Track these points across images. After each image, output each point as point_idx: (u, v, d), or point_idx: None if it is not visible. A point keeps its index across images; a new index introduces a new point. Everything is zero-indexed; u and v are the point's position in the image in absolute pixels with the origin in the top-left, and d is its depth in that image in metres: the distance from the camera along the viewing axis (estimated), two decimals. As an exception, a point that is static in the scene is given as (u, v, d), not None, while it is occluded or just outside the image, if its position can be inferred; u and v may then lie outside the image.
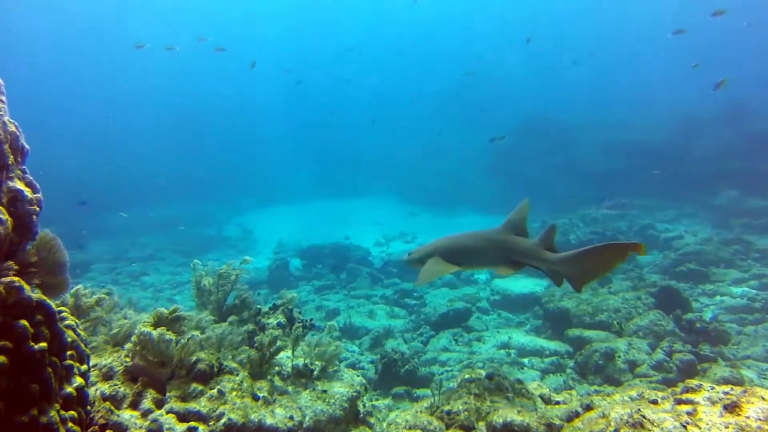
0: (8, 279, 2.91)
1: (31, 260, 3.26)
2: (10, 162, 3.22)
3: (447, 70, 46.67)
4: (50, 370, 2.99)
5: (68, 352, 3.33)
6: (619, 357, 9.92)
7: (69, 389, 3.19)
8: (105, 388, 4.27)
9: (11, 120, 3.38)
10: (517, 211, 5.47)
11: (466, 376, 5.64)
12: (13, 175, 3.26)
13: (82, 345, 3.49)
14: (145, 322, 4.50)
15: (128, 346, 4.59)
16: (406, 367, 10.31)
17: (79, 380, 3.29)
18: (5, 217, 2.93)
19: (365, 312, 15.32)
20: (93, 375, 4.40)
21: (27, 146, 3.61)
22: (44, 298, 3.06)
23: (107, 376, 4.41)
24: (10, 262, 3.01)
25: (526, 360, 11.66)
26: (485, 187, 33.45)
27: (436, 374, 11.02)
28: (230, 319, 6.64)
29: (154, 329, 4.53)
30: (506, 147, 32.52)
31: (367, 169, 43.91)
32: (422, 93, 52.81)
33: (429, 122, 45.92)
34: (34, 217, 3.30)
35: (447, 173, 36.81)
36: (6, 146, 3.10)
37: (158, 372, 4.51)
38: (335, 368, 6.88)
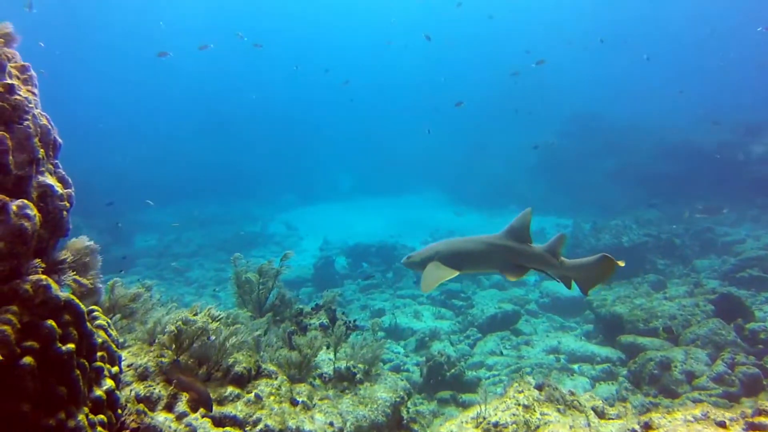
0: (36, 277, 2.79)
1: (62, 258, 3.14)
2: (40, 156, 3.11)
3: (494, 69, 45.90)
4: (78, 372, 2.86)
5: (98, 354, 3.20)
6: (676, 367, 9.35)
7: (98, 392, 3.06)
8: (140, 388, 4.16)
9: (42, 113, 3.28)
10: (520, 219, 5.65)
11: (515, 385, 5.33)
12: (43, 169, 3.15)
13: (113, 346, 3.37)
14: (180, 320, 4.37)
15: (160, 340, 4.48)
16: (452, 371, 10.03)
17: (109, 383, 3.16)
18: (33, 212, 2.81)
19: (411, 313, 15.08)
20: (128, 375, 4.30)
21: (59, 140, 3.51)
22: (73, 297, 2.93)
23: (142, 376, 4.30)
24: (38, 260, 2.89)
25: (576, 366, 11.22)
26: (532, 188, 32.88)
27: (483, 379, 10.71)
28: (268, 316, 6.48)
29: (190, 327, 4.40)
30: (554, 147, 31.94)
31: (414, 168, 43.58)
32: (469, 91, 52.23)
33: (476, 121, 45.36)
34: (65, 213, 3.19)
35: (494, 173, 36.27)
36: (35, 140, 2.98)
37: (195, 374, 4.38)
38: (379, 371, 6.67)
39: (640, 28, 49.57)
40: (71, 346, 2.82)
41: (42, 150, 3.16)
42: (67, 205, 3.19)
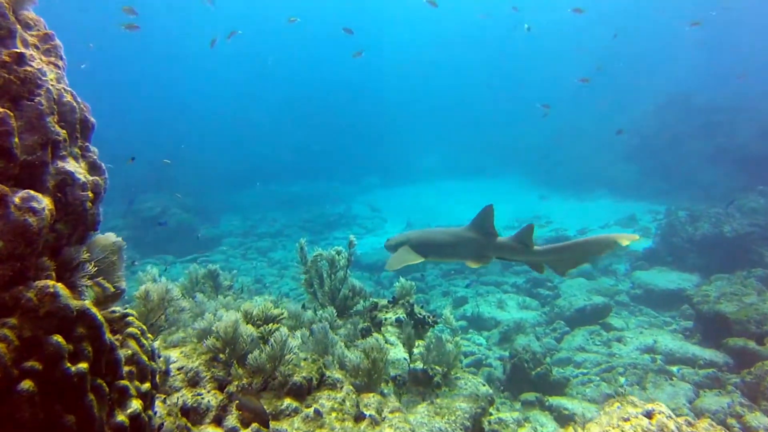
0: (42, 283, 2.34)
1: (82, 258, 2.69)
2: (60, 138, 2.65)
3: (584, 50, 43.47)
4: (92, 397, 2.40)
5: (125, 369, 2.74)
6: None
7: (121, 417, 2.60)
8: (188, 396, 3.74)
9: (67, 88, 2.83)
10: (483, 213, 6.12)
11: (616, 407, 4.52)
12: (65, 153, 2.69)
13: (145, 358, 2.91)
14: (234, 322, 3.90)
15: (212, 345, 4.04)
16: (538, 369, 9.23)
17: (135, 405, 2.69)
18: (41, 205, 2.35)
19: (494, 301, 14.29)
20: (177, 379, 3.90)
21: (92, 120, 3.06)
22: (89, 306, 2.47)
23: (192, 381, 3.89)
24: (46, 259, 2.44)
25: (675, 369, 10.10)
26: (622, 172, 30.94)
27: (571, 378, 9.84)
28: (331, 311, 5.97)
29: (244, 331, 3.93)
30: (646, 129, 29.72)
31: (497, 151, 42.14)
32: (555, 73, 49.76)
33: (563, 103, 43.23)
34: (88, 204, 2.73)
35: (581, 155, 34.37)
36: (51, 119, 2.52)
37: (250, 383, 3.92)
38: (458, 373, 6.04)
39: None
40: (83, 365, 2.36)
41: (64, 131, 2.71)
42: (90, 195, 2.73)
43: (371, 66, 55.81)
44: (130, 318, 3.04)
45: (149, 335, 3.14)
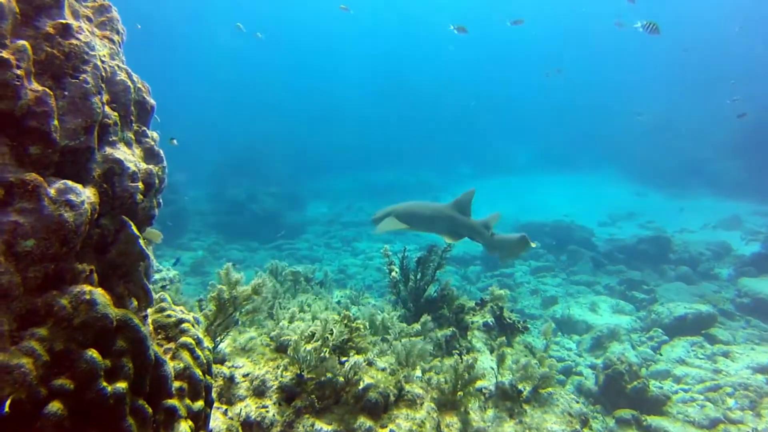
0: (78, 288, 2.03)
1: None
2: (110, 122, 2.35)
3: (678, 37, 40.37)
4: (131, 421, 2.07)
5: (174, 386, 2.42)
6: None
7: (166, 442, 2.27)
8: (252, 408, 3.42)
9: (122, 66, 2.52)
10: (465, 195, 6.72)
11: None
12: (115, 138, 2.39)
13: (200, 372, 2.57)
14: (303, 332, 3.53)
15: (282, 355, 3.69)
16: (634, 383, 8.36)
17: (184, 427, 2.36)
18: (81, 198, 2.04)
19: (586, 303, 13.34)
20: (242, 387, 3.59)
21: (151, 101, 2.75)
22: (131, 315, 2.15)
23: (258, 391, 3.56)
24: (83, 265, 2.13)
25: (797, 396, 8.86)
26: (727, 169, 28.42)
27: (671, 394, 8.86)
28: (423, 319, 5.51)
29: (316, 341, 3.55)
30: (756, 124, 27.04)
31: (592, 143, 40.11)
32: (653, 64, 46.65)
33: (661, 95, 40.45)
34: (138, 196, 2.41)
35: (682, 151, 31.97)
36: (97, 99, 2.20)
37: (321, 394, 3.55)
38: (550, 388, 5.44)
39: None
40: (122, 384, 2.04)
41: (115, 114, 2.41)
42: (140, 186, 2.41)
43: (464, 55, 54.65)
44: (186, 325, 2.72)
45: (208, 343, 2.82)
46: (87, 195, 2.10)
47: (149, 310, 2.70)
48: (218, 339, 4.09)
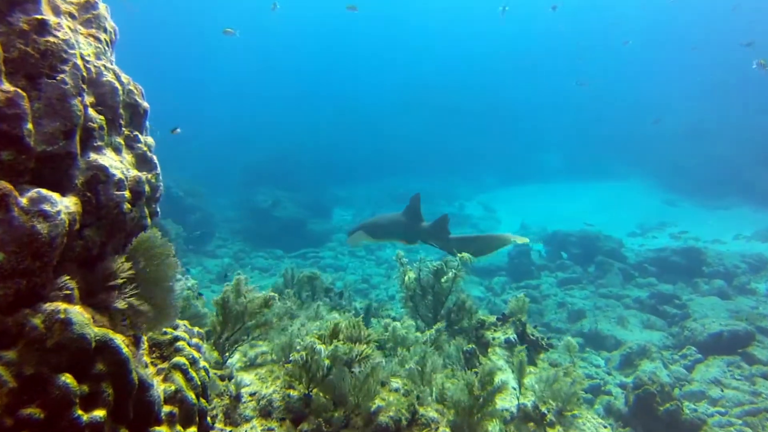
0: (52, 306, 1.85)
1: (116, 271, 2.19)
2: (95, 126, 2.18)
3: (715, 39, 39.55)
4: (110, 452, 1.88)
5: (165, 410, 2.22)
6: None
7: (151, 475, 2.08)
8: (258, 430, 3.21)
9: (110, 66, 2.35)
10: (412, 201, 7.20)
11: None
12: (101, 144, 2.22)
13: (192, 395, 2.37)
14: (308, 346, 3.31)
15: (287, 370, 3.48)
16: (667, 405, 7.95)
17: (173, 457, 2.16)
18: (57, 208, 1.87)
19: (615, 318, 12.90)
20: (249, 407, 3.39)
21: (143, 104, 2.59)
22: (112, 336, 1.96)
23: (264, 412, 3.36)
24: (64, 280, 1.95)
25: None
26: (762, 176, 27.44)
27: (707, 417, 8.41)
28: (438, 326, 5.27)
29: (322, 355, 3.34)
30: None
31: (621, 150, 39.27)
32: (686, 64, 45.66)
33: (693, 99, 39.53)
34: (126, 206, 2.23)
35: (717, 157, 31.01)
36: (77, 101, 2.04)
37: (329, 417, 3.33)
38: (576, 410, 5.13)
39: None
40: (99, 412, 1.85)
41: (101, 117, 2.24)
42: (127, 195, 2.23)
43: (493, 59, 54.31)
44: (181, 343, 2.53)
45: (204, 363, 2.62)
46: (65, 204, 1.93)
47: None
48: (226, 354, 3.91)
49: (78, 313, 1.87)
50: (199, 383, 2.43)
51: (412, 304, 6.07)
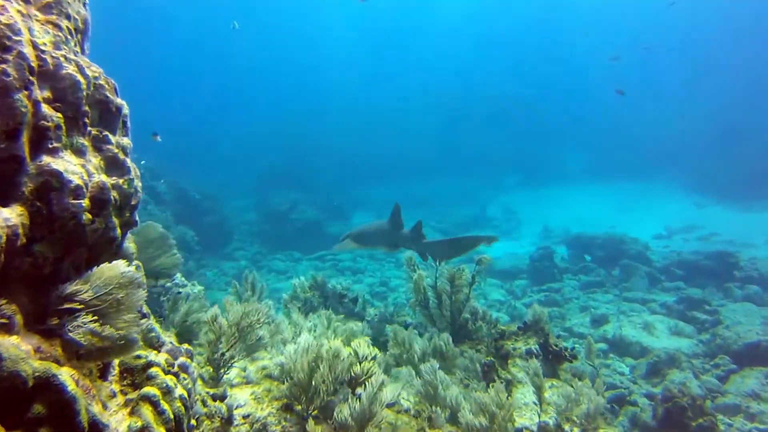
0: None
1: (72, 293, 1.91)
2: (50, 125, 1.90)
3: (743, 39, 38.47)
4: None
5: (126, 453, 1.93)
6: None
7: None
8: (249, 460, 2.92)
9: (71, 57, 2.07)
10: (394, 209, 7.41)
11: None
12: (58, 145, 1.93)
13: (162, 431, 2.07)
14: (311, 362, 3.01)
15: (284, 390, 3.18)
16: (700, 420, 7.48)
17: (134, 507, 1.87)
18: (-8, 221, 1.58)
19: (640, 323, 12.35)
20: (242, 431, 3.10)
21: (116, 101, 2.30)
22: (55, 370, 1.67)
23: (258, 437, 3.06)
24: (3, 302, 1.67)
25: None
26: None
27: (745, 437, 7.93)
28: (456, 328, 4.94)
29: (324, 373, 3.03)
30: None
31: (648, 152, 38.39)
32: (716, 65, 44.51)
33: (725, 98, 38.53)
34: (86, 216, 1.95)
35: (747, 159, 30.12)
36: (23, 96, 1.75)
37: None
38: (602, 427, 4.78)
39: None
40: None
41: (59, 115, 1.96)
42: (85, 204, 1.94)
43: (514, 61, 53.57)
44: (154, 369, 2.24)
45: (182, 391, 2.33)
46: (5, 216, 1.66)
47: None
48: (221, 371, 3.64)
49: (11, 345, 1.59)
50: (171, 417, 2.14)
51: (426, 311, 5.76)
